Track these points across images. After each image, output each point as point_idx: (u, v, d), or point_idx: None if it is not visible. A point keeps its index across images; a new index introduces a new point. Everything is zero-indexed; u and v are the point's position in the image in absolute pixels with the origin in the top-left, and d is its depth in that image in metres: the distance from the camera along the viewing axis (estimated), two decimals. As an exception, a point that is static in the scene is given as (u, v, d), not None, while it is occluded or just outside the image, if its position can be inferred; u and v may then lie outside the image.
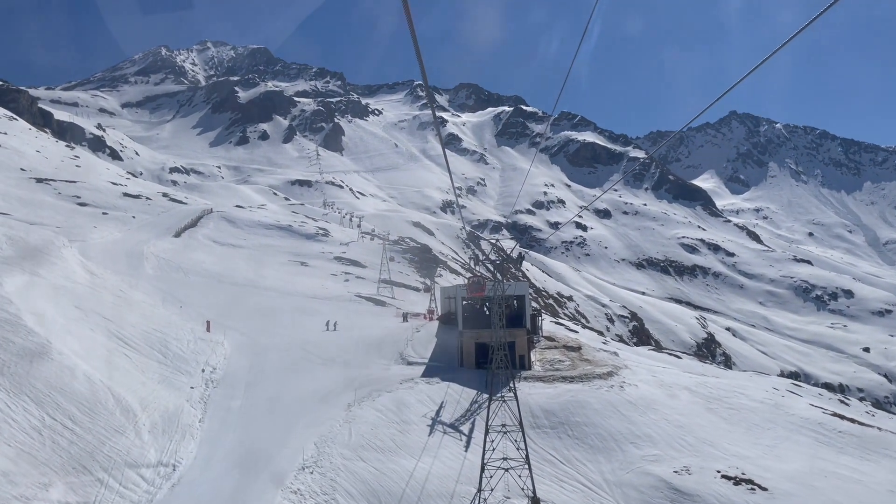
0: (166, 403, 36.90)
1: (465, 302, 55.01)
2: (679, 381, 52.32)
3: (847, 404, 71.57)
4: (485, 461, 31.94)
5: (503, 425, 33.84)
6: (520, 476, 33.05)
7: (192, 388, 41.07)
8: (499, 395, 39.43)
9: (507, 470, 32.47)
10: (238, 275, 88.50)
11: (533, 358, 53.28)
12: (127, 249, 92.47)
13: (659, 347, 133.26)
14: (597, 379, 47.76)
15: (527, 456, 32.18)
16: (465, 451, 37.36)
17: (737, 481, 36.35)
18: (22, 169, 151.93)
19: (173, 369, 42.51)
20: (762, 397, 50.64)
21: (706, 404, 46.97)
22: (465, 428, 40.14)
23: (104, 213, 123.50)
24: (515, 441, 33.50)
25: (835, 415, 50.01)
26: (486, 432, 32.37)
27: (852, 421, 49.60)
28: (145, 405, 35.38)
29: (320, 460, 33.24)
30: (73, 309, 44.70)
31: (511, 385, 36.64)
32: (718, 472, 37.22)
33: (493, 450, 33.01)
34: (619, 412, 42.82)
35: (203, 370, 44.07)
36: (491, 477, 32.49)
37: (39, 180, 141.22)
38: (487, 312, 54.23)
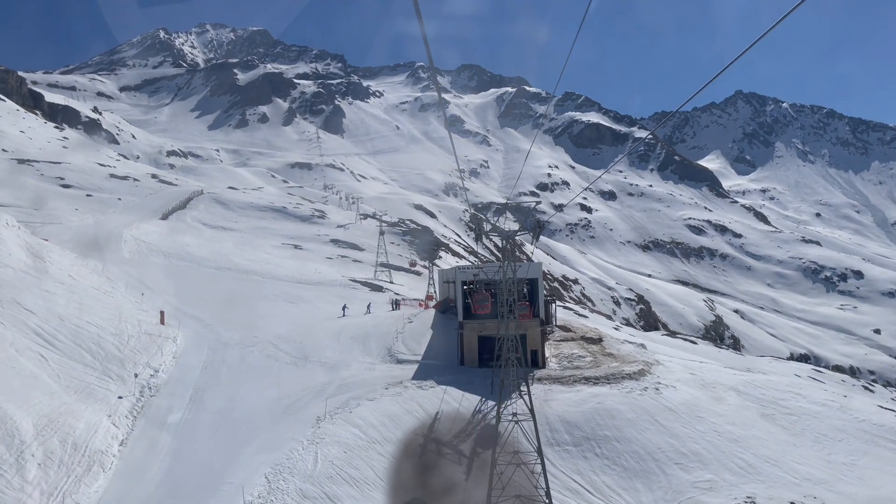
0: (76, 421, 28.25)
1: (465, 288, 46.51)
2: (721, 379, 43.68)
3: (872, 391, 63.37)
4: (491, 503, 23.40)
5: (515, 452, 25.18)
6: (538, 519, 24.51)
7: (120, 397, 32.43)
8: (508, 402, 31.06)
9: (521, 515, 23.96)
10: (223, 259, 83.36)
11: (547, 353, 44.78)
12: (106, 232, 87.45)
13: (671, 332, 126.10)
14: (626, 380, 39.07)
15: (547, 492, 23.66)
16: (466, 479, 28.90)
17: (819, 517, 28.07)
18: (3, 150, 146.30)
19: (101, 373, 33.88)
20: (823, 398, 42.14)
21: (760, 409, 38.50)
22: (466, 447, 31.49)
23: (88, 196, 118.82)
24: (533, 473, 24.79)
25: (911, 419, 41.67)
26: (493, 465, 23.78)
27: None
28: (44, 426, 26.67)
29: (270, 500, 24.61)
30: (-13, 298, 36.31)
31: (522, 391, 28.06)
32: (792, 504, 28.97)
33: (503, 487, 24.39)
34: (657, 422, 34.34)
35: (137, 374, 35.38)
36: (500, 521, 24.02)
37: (21, 161, 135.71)
38: (493, 299, 45.26)
